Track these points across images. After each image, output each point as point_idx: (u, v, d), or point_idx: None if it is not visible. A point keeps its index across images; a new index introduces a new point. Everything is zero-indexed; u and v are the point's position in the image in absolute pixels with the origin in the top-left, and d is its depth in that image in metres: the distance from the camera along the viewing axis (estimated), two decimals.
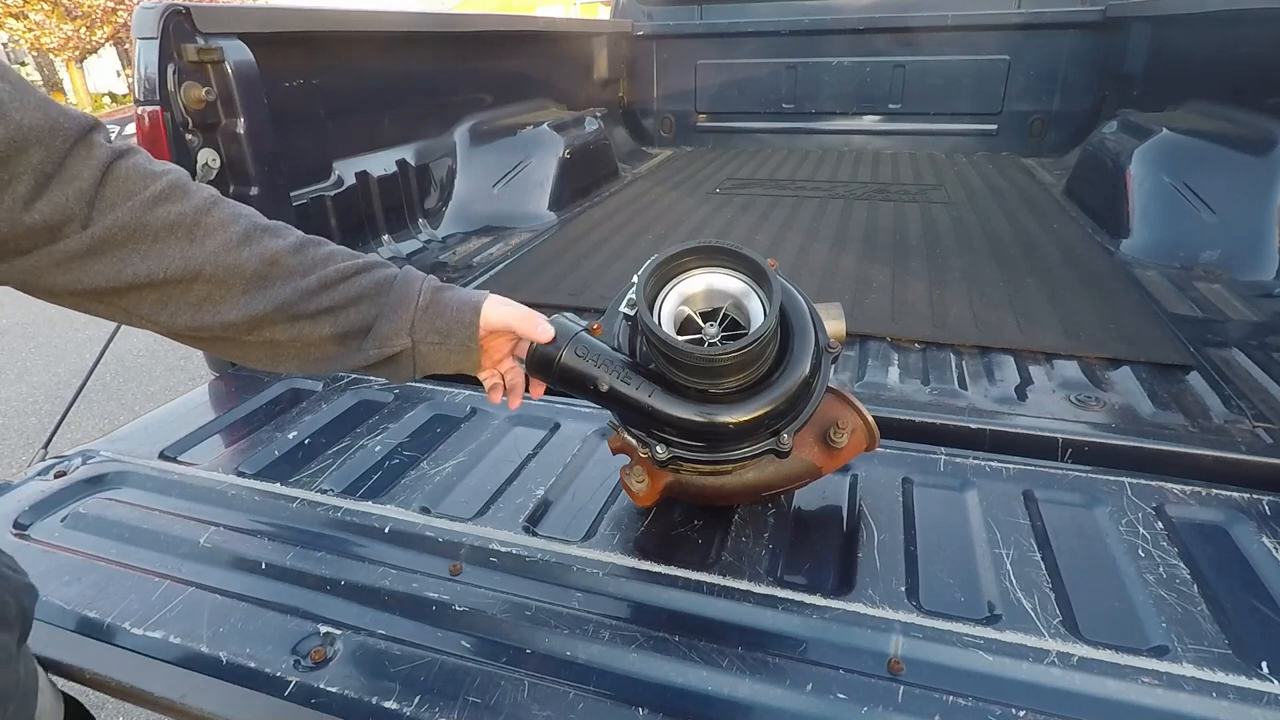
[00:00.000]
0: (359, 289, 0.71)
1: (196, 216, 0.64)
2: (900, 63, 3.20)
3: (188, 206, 0.63)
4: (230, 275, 0.65)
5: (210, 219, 0.64)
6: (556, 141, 2.47)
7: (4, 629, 0.58)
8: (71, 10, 14.38)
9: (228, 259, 0.64)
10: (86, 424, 2.99)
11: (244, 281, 0.66)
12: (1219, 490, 0.92)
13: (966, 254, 1.87)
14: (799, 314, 0.78)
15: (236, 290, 0.66)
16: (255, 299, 0.66)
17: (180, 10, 1.25)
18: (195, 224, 0.63)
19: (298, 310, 0.68)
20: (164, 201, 0.62)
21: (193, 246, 0.63)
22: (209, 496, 0.98)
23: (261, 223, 0.68)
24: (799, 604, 0.77)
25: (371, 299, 0.71)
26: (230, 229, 0.65)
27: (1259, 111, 1.76)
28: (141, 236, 0.61)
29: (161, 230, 0.62)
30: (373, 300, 0.71)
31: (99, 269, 0.60)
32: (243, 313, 0.66)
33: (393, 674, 0.71)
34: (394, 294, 0.72)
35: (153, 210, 0.61)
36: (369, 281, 0.71)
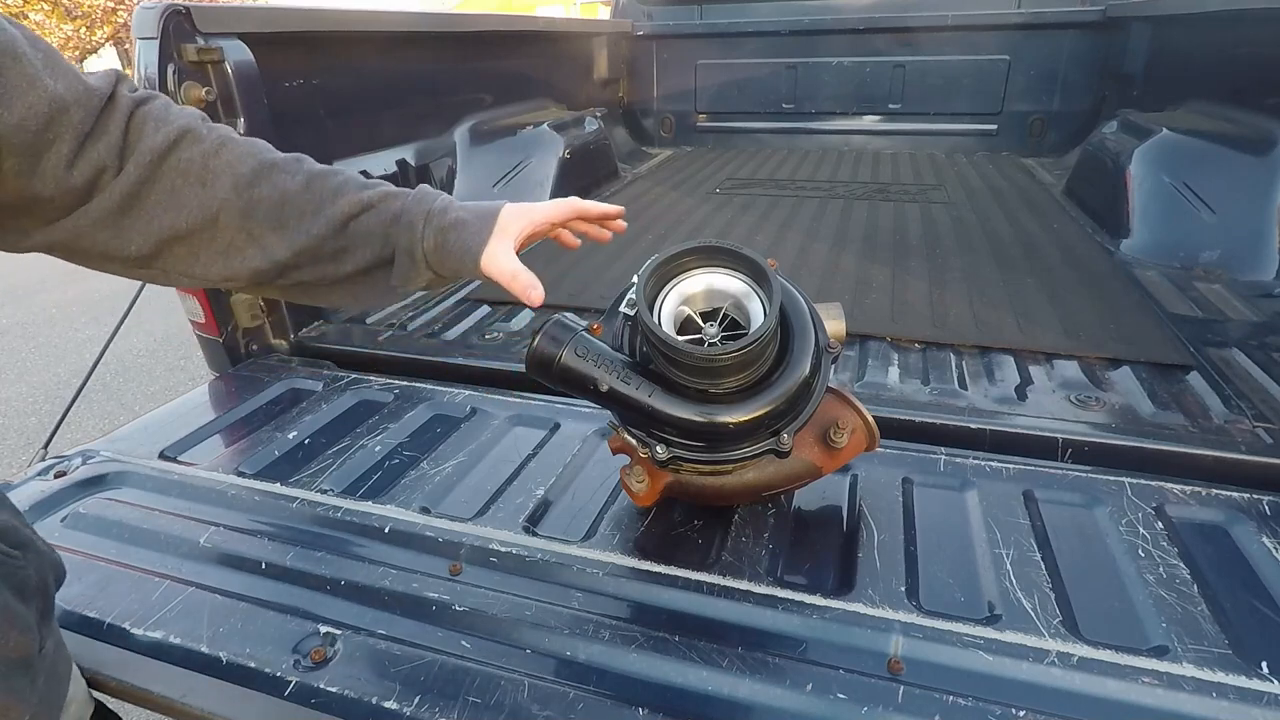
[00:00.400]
0: (367, 228, 0.71)
1: (205, 160, 0.65)
2: (900, 63, 3.20)
3: (197, 151, 0.65)
4: (245, 218, 0.67)
5: (219, 161, 0.66)
6: (556, 141, 2.47)
7: (21, 599, 0.59)
8: (71, 10, 14.38)
9: (240, 201, 0.66)
10: (86, 424, 2.99)
11: (259, 225, 0.67)
12: (1219, 490, 0.92)
13: (966, 254, 1.87)
14: (799, 314, 0.78)
15: (256, 234, 0.67)
16: (274, 244, 0.68)
17: (180, 10, 1.25)
18: (205, 167, 0.65)
19: (316, 252, 0.70)
20: (176, 148, 0.64)
21: (205, 191, 0.65)
22: (209, 496, 0.98)
23: (270, 158, 0.69)
24: (799, 604, 0.77)
25: (382, 237, 0.72)
26: (239, 169, 0.67)
27: (1259, 111, 1.76)
28: (159, 186, 0.63)
29: (177, 177, 0.64)
30: (384, 239, 0.72)
31: (131, 226, 0.62)
32: (267, 258, 0.68)
33: (393, 674, 0.71)
34: (402, 234, 0.72)
35: (166, 159, 0.63)
36: (375, 221, 0.72)
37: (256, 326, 1.44)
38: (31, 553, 0.62)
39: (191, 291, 1.39)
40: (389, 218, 0.72)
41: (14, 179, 0.55)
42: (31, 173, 0.56)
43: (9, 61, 0.52)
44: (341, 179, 0.72)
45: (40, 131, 0.55)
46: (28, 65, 0.54)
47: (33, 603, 0.61)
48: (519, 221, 0.75)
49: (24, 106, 0.53)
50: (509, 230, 0.74)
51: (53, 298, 4.52)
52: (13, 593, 0.58)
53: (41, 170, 0.56)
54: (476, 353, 1.38)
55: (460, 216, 0.74)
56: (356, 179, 0.73)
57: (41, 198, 0.57)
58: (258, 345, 1.46)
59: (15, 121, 0.53)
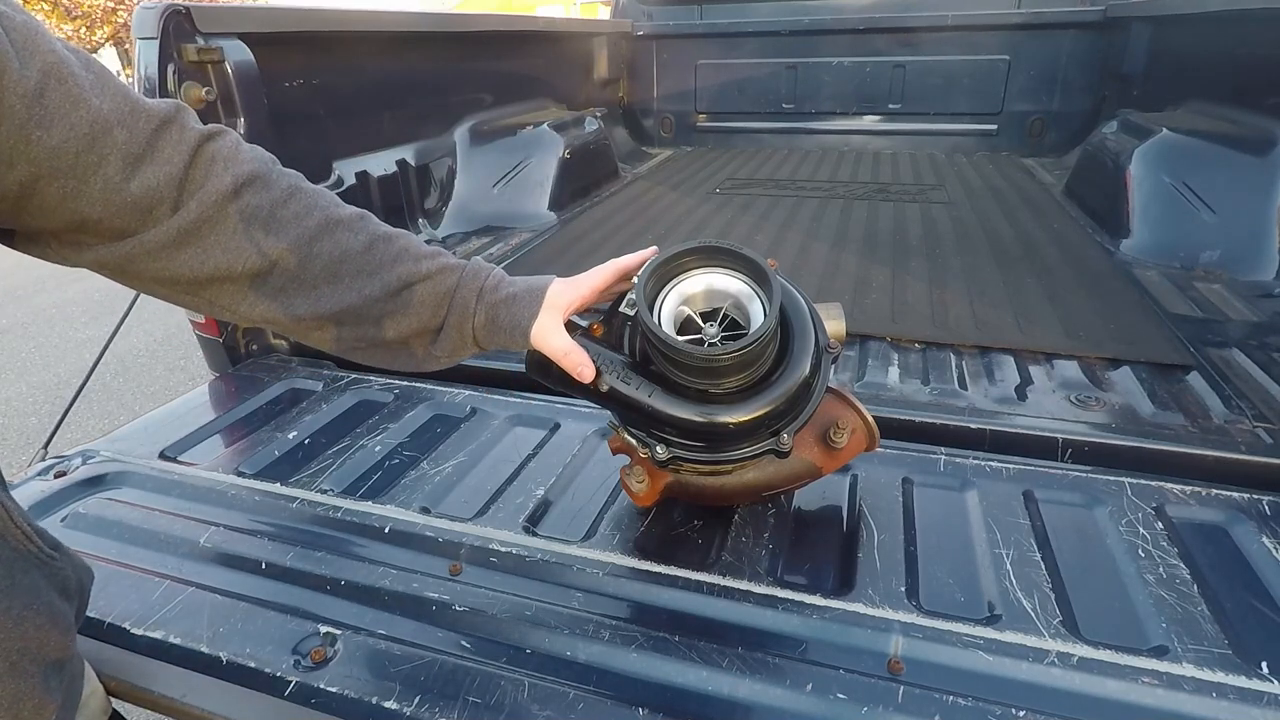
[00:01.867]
0: (420, 299, 0.72)
1: (273, 209, 0.65)
2: (900, 63, 3.20)
3: (266, 198, 0.65)
4: (302, 269, 0.67)
5: (287, 211, 0.66)
6: (556, 141, 2.47)
7: (64, 598, 0.60)
8: (71, 10, 14.39)
9: (300, 253, 0.67)
10: (86, 424, 2.99)
11: (314, 277, 0.68)
12: (1219, 490, 0.92)
13: (966, 254, 1.87)
14: (799, 314, 0.78)
15: (307, 285, 0.68)
16: (324, 297, 0.69)
17: (180, 10, 1.25)
18: (271, 216, 0.65)
19: (363, 313, 0.70)
20: (245, 191, 0.64)
21: (269, 239, 0.65)
22: (209, 496, 0.98)
23: (337, 215, 0.70)
24: (799, 604, 0.77)
25: (433, 309, 0.73)
26: (305, 222, 0.67)
27: (1259, 111, 1.76)
28: (222, 228, 0.63)
29: (240, 223, 0.64)
30: (434, 310, 0.73)
31: (185, 259, 0.62)
32: (311, 309, 0.68)
33: (393, 674, 0.71)
34: (454, 310, 0.73)
35: (234, 201, 0.63)
36: (429, 293, 0.72)
37: (256, 326, 1.44)
38: (64, 555, 0.62)
39: None
40: (442, 291, 0.73)
41: (62, 202, 0.55)
42: (79, 195, 0.55)
43: (54, 84, 0.52)
44: (401, 245, 0.73)
45: (83, 153, 0.54)
46: (73, 87, 0.53)
47: (74, 603, 0.62)
48: (567, 296, 0.76)
49: (65, 128, 0.53)
50: (558, 305, 0.75)
51: (53, 298, 4.52)
52: (58, 593, 0.59)
53: (89, 193, 0.56)
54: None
55: (511, 293, 0.75)
56: (415, 247, 0.74)
57: (91, 219, 0.57)
58: (258, 345, 1.46)
59: (55, 144, 0.53)
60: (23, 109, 0.50)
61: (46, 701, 0.56)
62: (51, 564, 0.59)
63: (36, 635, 0.55)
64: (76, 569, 0.64)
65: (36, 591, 0.56)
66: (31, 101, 0.51)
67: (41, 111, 0.52)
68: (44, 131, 0.52)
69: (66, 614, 0.60)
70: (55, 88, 0.52)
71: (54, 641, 0.57)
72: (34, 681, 0.55)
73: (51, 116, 0.52)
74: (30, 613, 0.55)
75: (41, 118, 0.52)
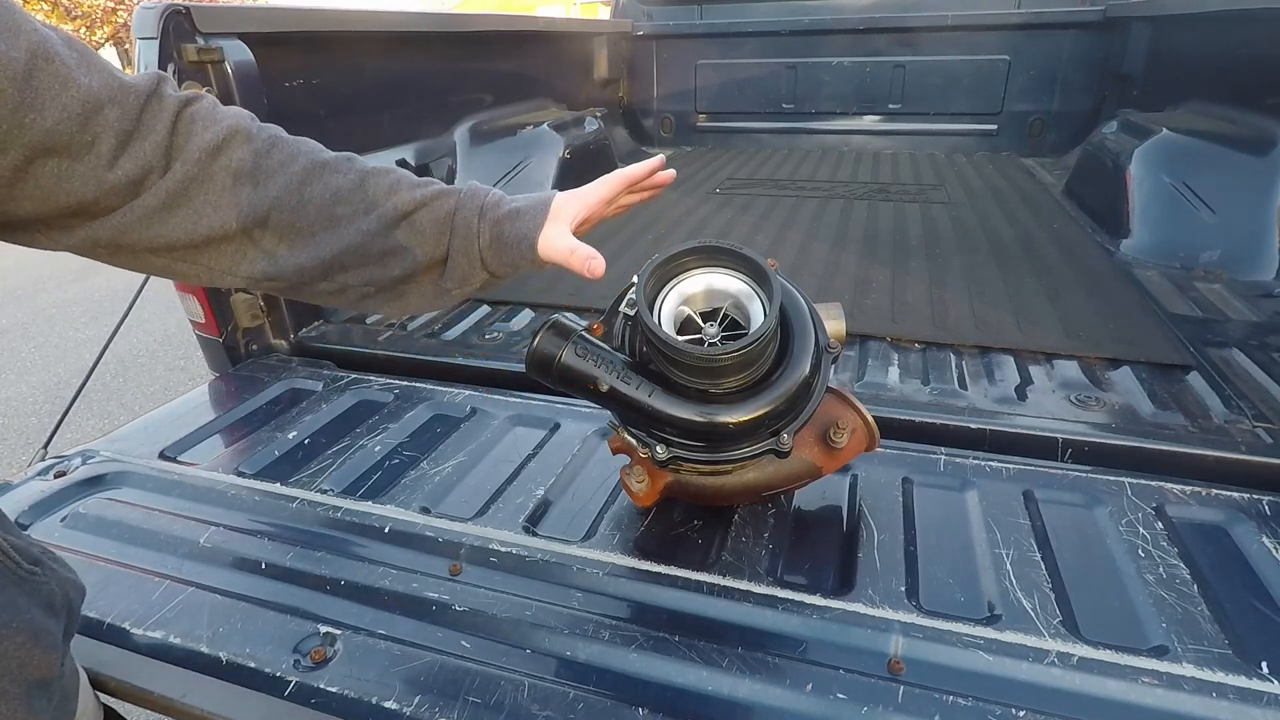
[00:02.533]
0: (420, 228, 0.70)
1: (257, 160, 0.64)
2: (900, 63, 3.20)
3: (248, 151, 0.64)
4: (296, 217, 0.66)
5: (270, 160, 0.65)
6: (556, 141, 2.47)
7: (50, 616, 0.58)
8: (71, 10, 14.38)
9: (291, 200, 0.65)
10: (86, 424, 2.99)
11: (309, 224, 0.66)
12: (1219, 490, 0.92)
13: (966, 254, 1.87)
14: (799, 314, 0.78)
15: (305, 233, 0.66)
16: (323, 242, 0.67)
17: (180, 10, 1.25)
18: (257, 168, 0.64)
19: (365, 251, 0.68)
20: (226, 148, 0.63)
21: (257, 191, 0.64)
22: (209, 496, 0.98)
23: (322, 158, 0.68)
24: (799, 604, 0.77)
25: (436, 236, 0.71)
26: (291, 169, 0.66)
27: (1259, 111, 1.76)
28: (210, 186, 0.62)
29: (227, 179, 0.63)
30: (437, 238, 0.71)
31: (177, 222, 0.61)
32: (313, 256, 0.67)
33: (393, 674, 0.71)
34: (458, 233, 0.71)
35: (216, 159, 0.62)
36: (429, 220, 0.70)
37: (256, 326, 1.44)
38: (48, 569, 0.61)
39: (191, 291, 1.39)
40: (442, 215, 0.71)
41: (57, 184, 0.55)
42: (73, 175, 0.55)
43: (41, 64, 0.51)
44: (394, 177, 0.71)
45: (77, 133, 0.54)
46: (60, 66, 0.52)
47: (60, 620, 0.60)
48: (572, 206, 0.74)
49: (58, 109, 0.52)
50: (563, 215, 0.73)
51: (53, 298, 4.52)
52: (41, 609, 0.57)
53: (83, 173, 0.55)
54: (476, 353, 1.38)
55: (515, 207, 0.73)
56: (408, 177, 0.72)
57: (86, 200, 0.57)
58: (258, 345, 1.46)
59: (49, 125, 0.52)
60: (14, 92, 0.49)
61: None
62: (32, 579, 0.57)
63: (17, 654, 0.53)
64: (63, 583, 0.62)
65: (16, 609, 0.54)
66: (22, 84, 0.50)
67: (32, 94, 0.51)
68: (37, 114, 0.51)
69: (52, 631, 0.58)
70: (43, 68, 0.51)
71: (37, 660, 0.55)
72: (16, 703, 0.53)
73: (43, 98, 0.51)
74: (9, 631, 0.53)
75: (33, 100, 0.51)
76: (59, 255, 5.11)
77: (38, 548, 0.61)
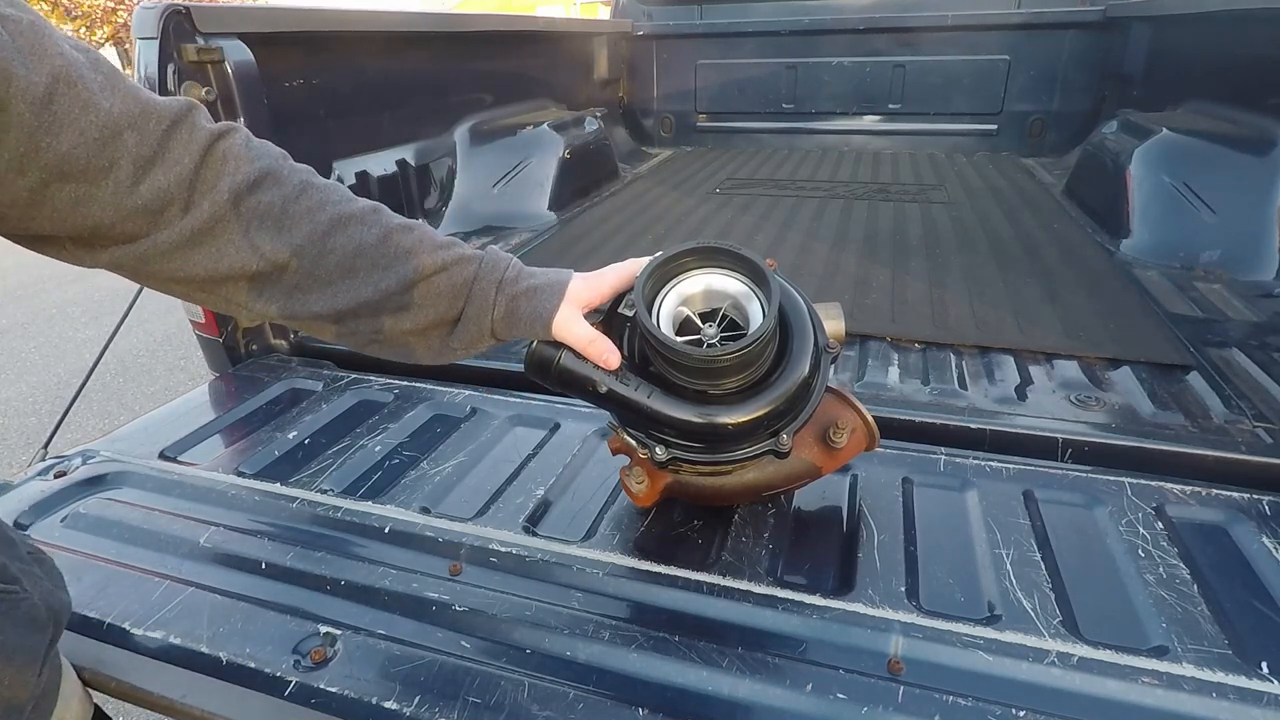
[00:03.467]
0: (437, 291, 0.72)
1: (285, 205, 0.65)
2: (900, 63, 3.20)
3: (278, 195, 0.64)
4: (316, 265, 0.67)
5: (299, 207, 0.66)
6: (556, 141, 2.47)
7: (34, 631, 0.57)
8: (71, 10, 14.39)
9: (314, 250, 0.66)
10: (86, 424, 2.99)
11: (329, 273, 0.67)
12: (1219, 490, 0.92)
13: (966, 254, 1.87)
14: (798, 314, 0.78)
15: (323, 281, 0.67)
16: (340, 292, 0.68)
17: (180, 10, 1.25)
18: (284, 213, 0.65)
19: (378, 307, 0.70)
20: (256, 189, 0.63)
21: (281, 236, 0.64)
22: (209, 496, 0.98)
23: (349, 210, 0.69)
24: (799, 604, 0.77)
25: (450, 300, 0.72)
26: (318, 218, 0.66)
27: (1259, 111, 1.76)
28: (235, 227, 0.62)
29: (253, 220, 0.63)
30: (451, 302, 0.72)
31: (199, 259, 0.62)
32: (329, 305, 0.68)
33: (393, 674, 0.71)
34: (473, 301, 0.73)
35: (245, 200, 0.63)
36: (446, 285, 0.72)
37: (256, 327, 1.44)
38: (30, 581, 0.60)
39: None
40: (460, 282, 0.72)
41: (73, 207, 0.54)
42: (90, 200, 0.55)
43: (64, 88, 0.51)
44: (417, 236, 0.72)
45: (94, 157, 0.54)
46: (82, 90, 0.52)
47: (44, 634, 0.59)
48: (587, 292, 0.76)
49: (75, 133, 0.52)
50: (578, 299, 0.75)
51: (53, 298, 4.52)
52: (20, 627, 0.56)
53: (101, 197, 0.55)
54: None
55: (533, 285, 0.74)
56: (431, 237, 0.73)
57: (103, 224, 0.56)
58: (258, 345, 1.46)
59: (65, 149, 0.52)
60: (31, 116, 0.49)
61: None
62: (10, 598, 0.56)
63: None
64: (46, 595, 0.61)
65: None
66: (40, 108, 0.50)
67: (50, 118, 0.51)
68: (53, 138, 0.51)
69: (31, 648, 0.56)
70: (64, 92, 0.51)
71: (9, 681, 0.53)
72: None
73: (60, 122, 0.51)
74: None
75: (50, 124, 0.51)
76: None
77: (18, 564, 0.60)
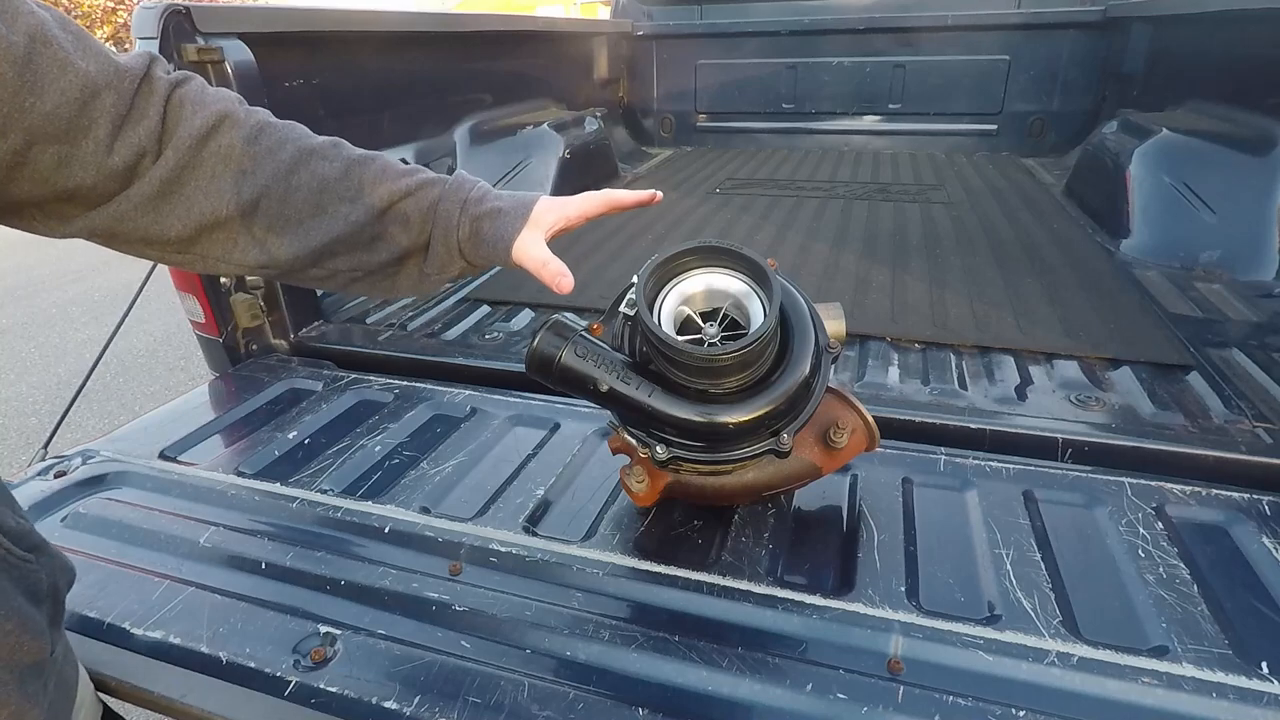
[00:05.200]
0: (405, 216, 0.72)
1: (246, 146, 0.65)
2: (900, 63, 3.20)
3: (237, 136, 0.64)
4: (284, 205, 0.67)
5: (259, 146, 0.66)
6: (556, 141, 2.47)
7: (33, 602, 0.58)
8: (71, 10, 14.39)
9: (280, 188, 0.66)
10: (86, 424, 2.99)
11: (297, 211, 0.67)
12: (1219, 490, 0.92)
13: (966, 254, 1.87)
14: (799, 314, 0.78)
15: (292, 221, 0.67)
16: (311, 230, 0.68)
17: (180, 10, 1.25)
18: (245, 154, 0.65)
19: (353, 239, 0.70)
20: (216, 133, 0.63)
21: (245, 178, 0.65)
22: (209, 496, 0.98)
23: (309, 144, 0.69)
24: (799, 604, 0.77)
25: (419, 224, 0.73)
26: (279, 156, 0.66)
27: (1259, 111, 1.76)
28: (200, 172, 0.63)
29: (216, 164, 0.63)
30: (421, 226, 0.73)
31: (170, 210, 0.62)
32: (302, 244, 0.68)
33: (393, 674, 0.71)
34: (439, 223, 0.73)
35: (206, 144, 0.63)
36: (414, 209, 0.72)
37: (256, 326, 1.44)
38: (44, 556, 0.61)
39: (191, 291, 1.39)
40: (426, 205, 0.72)
41: (55, 169, 0.55)
42: (72, 160, 0.55)
43: (40, 47, 0.51)
44: (379, 165, 0.72)
45: (75, 118, 0.54)
46: (58, 50, 0.53)
47: (44, 607, 0.60)
48: (552, 214, 0.75)
49: (57, 93, 0.52)
50: (542, 222, 0.75)
51: (53, 298, 4.52)
52: (26, 597, 0.57)
53: (81, 157, 0.56)
54: (476, 353, 1.38)
55: (496, 205, 0.74)
56: (394, 165, 0.73)
57: (84, 186, 0.57)
58: (258, 345, 1.46)
59: (49, 109, 0.52)
60: (14, 76, 0.50)
61: (26, 708, 0.55)
62: (24, 566, 0.57)
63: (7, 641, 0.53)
64: (52, 571, 0.62)
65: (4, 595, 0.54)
66: (22, 67, 0.50)
67: (32, 77, 0.51)
68: (36, 98, 0.51)
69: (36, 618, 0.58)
70: (42, 51, 0.52)
71: (27, 645, 0.55)
72: (9, 688, 0.53)
73: (42, 82, 0.51)
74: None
75: (33, 84, 0.51)
76: (59, 256, 5.06)
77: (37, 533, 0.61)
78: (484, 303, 1.65)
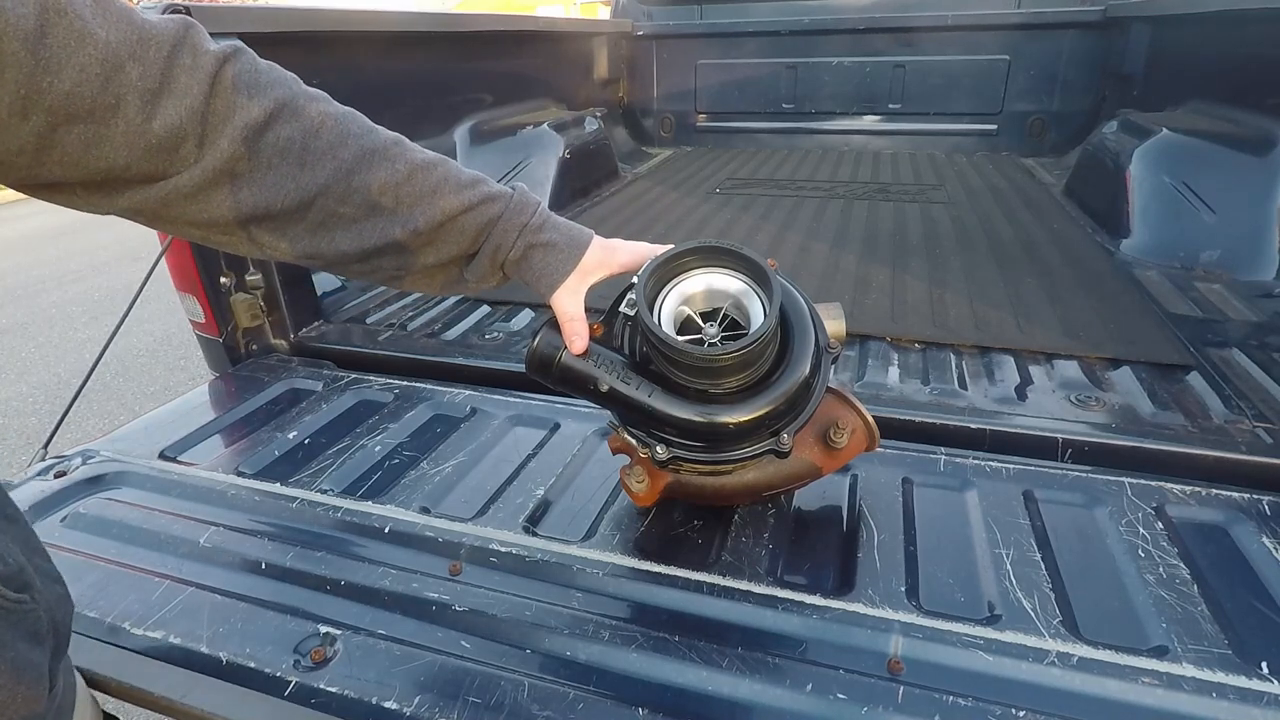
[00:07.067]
0: (462, 229, 0.72)
1: (305, 141, 0.62)
2: (900, 63, 3.20)
3: (297, 129, 0.62)
4: (342, 204, 0.65)
5: (320, 142, 0.63)
6: (556, 141, 2.47)
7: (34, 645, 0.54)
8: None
9: (339, 188, 0.65)
10: (86, 424, 2.99)
11: (355, 211, 0.66)
12: (1219, 490, 0.92)
13: (966, 254, 1.87)
14: (799, 314, 0.78)
15: (348, 219, 0.66)
16: (366, 231, 0.67)
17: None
18: (305, 149, 0.62)
19: (406, 244, 0.70)
20: (274, 123, 0.60)
21: (304, 174, 0.63)
22: (209, 496, 0.98)
23: (372, 145, 0.67)
24: (799, 604, 0.77)
25: (474, 238, 0.73)
26: (341, 154, 0.64)
27: (1259, 111, 1.76)
28: (255, 164, 0.60)
29: (273, 157, 0.61)
30: (475, 238, 0.73)
31: (220, 199, 0.60)
32: (355, 243, 0.67)
33: (393, 674, 0.71)
34: (492, 239, 0.73)
35: (263, 135, 0.60)
36: (472, 223, 0.72)
37: (256, 326, 1.44)
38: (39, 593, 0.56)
39: (191, 291, 1.39)
40: (484, 220, 0.72)
41: (85, 151, 0.51)
42: (101, 141, 0.51)
43: (54, 18, 0.46)
44: (442, 173, 0.70)
45: (99, 95, 0.50)
46: (74, 19, 0.48)
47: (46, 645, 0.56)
48: (601, 269, 0.77)
49: (75, 69, 0.48)
50: (589, 272, 0.76)
51: (53, 298, 4.52)
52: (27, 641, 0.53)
53: (111, 138, 0.52)
54: (476, 353, 1.38)
55: (551, 239, 0.75)
56: (457, 174, 0.72)
57: (118, 166, 0.53)
58: (258, 345, 1.46)
59: (68, 88, 0.48)
60: (26, 54, 0.45)
61: None
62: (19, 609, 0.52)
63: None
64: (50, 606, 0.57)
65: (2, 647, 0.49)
66: (35, 44, 0.46)
67: (47, 54, 0.46)
68: (53, 77, 0.47)
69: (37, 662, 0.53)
70: (56, 23, 0.47)
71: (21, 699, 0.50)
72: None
73: (58, 59, 0.47)
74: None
75: (49, 62, 0.46)
76: (59, 256, 5.06)
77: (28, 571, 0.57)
78: (484, 302, 1.65)
